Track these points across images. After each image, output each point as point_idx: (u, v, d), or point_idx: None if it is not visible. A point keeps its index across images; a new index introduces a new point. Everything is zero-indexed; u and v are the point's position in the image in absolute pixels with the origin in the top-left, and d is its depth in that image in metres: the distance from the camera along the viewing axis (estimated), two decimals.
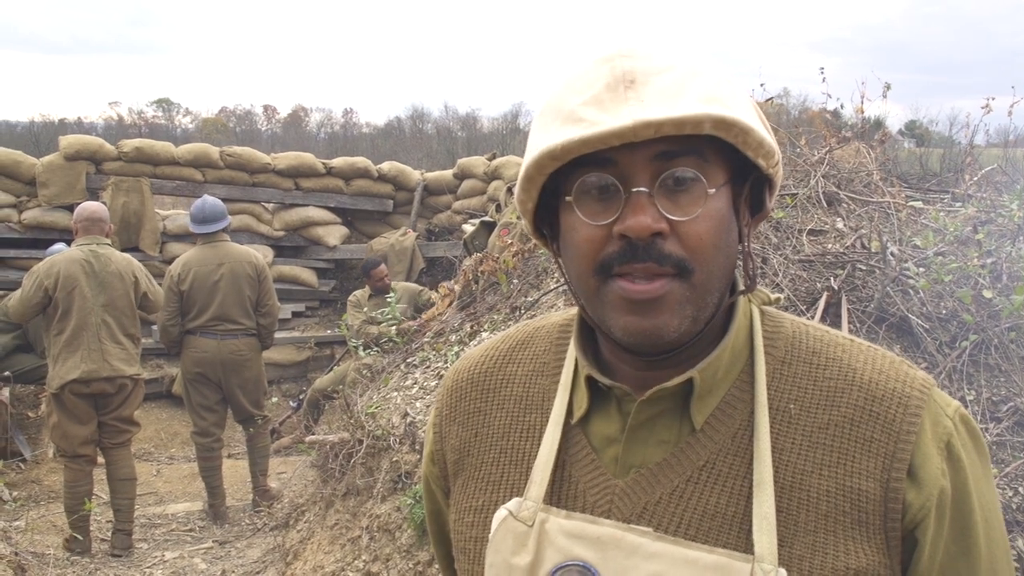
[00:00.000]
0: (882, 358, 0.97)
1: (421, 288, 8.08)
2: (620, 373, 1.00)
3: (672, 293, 0.89)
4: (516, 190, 0.98)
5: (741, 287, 1.01)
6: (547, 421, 1.02)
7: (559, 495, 0.98)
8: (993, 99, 4.91)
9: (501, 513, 0.98)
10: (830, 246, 4.00)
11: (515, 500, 0.98)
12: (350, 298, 7.96)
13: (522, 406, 1.06)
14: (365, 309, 7.62)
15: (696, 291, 0.90)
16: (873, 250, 3.78)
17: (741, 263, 1.00)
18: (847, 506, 0.90)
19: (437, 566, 1.27)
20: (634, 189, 0.88)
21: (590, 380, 1.00)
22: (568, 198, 0.92)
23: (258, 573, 5.13)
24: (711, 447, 0.95)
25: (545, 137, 0.90)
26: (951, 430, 0.93)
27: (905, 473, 0.90)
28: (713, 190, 0.89)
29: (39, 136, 28.82)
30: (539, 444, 1.01)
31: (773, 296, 1.04)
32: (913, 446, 0.91)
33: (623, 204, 0.88)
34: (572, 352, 1.04)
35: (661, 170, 0.88)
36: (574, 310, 1.07)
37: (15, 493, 6.86)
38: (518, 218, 6.10)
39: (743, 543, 0.90)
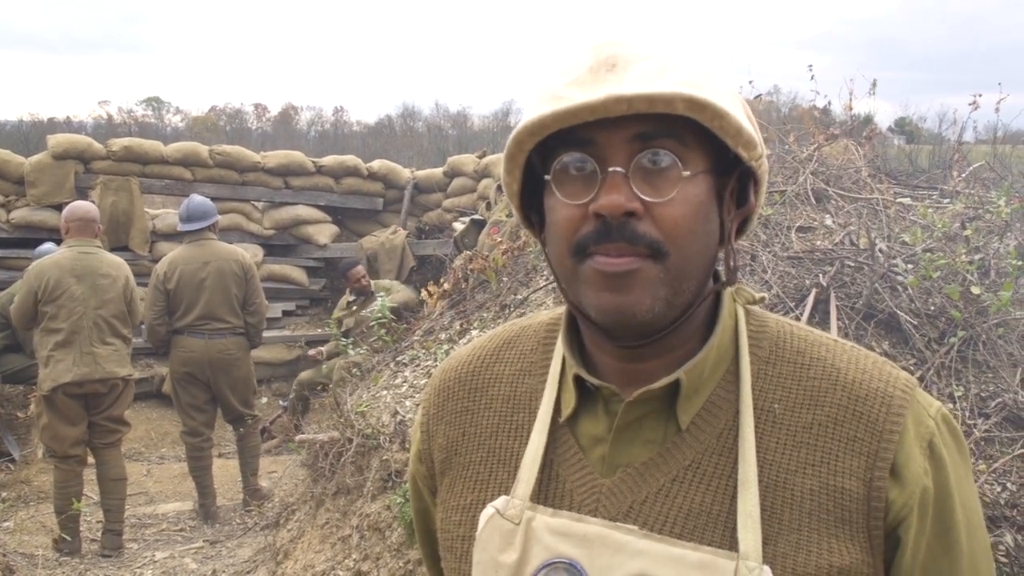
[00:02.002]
0: (865, 358, 0.98)
1: (391, 284, 8.03)
2: (604, 367, 1.00)
3: (644, 271, 0.89)
4: (501, 171, 0.99)
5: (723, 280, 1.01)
6: (535, 420, 1.02)
7: (546, 494, 0.99)
8: (980, 96, 4.93)
9: (488, 511, 0.98)
10: (819, 243, 4.01)
11: (502, 498, 0.99)
12: (339, 303, 8.01)
13: (510, 405, 1.07)
14: (340, 314, 7.69)
15: (670, 274, 0.90)
16: (862, 247, 3.79)
17: (723, 256, 1.00)
18: (831, 504, 0.91)
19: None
20: (610, 169, 0.89)
21: (578, 379, 1.00)
22: (547, 177, 0.93)
23: (249, 572, 5.11)
24: (697, 447, 0.95)
25: (527, 116, 0.91)
26: (933, 430, 0.94)
27: (888, 472, 0.91)
28: (688, 173, 0.90)
29: (28, 135, 28.72)
30: (527, 443, 1.02)
31: (758, 295, 1.05)
32: (896, 445, 0.92)
33: (599, 184, 0.89)
34: (559, 351, 1.05)
35: (638, 151, 0.89)
36: (561, 309, 1.08)
37: (4, 493, 6.83)
38: (508, 216, 6.11)
39: (728, 541, 0.90)
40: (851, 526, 0.91)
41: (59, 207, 6.79)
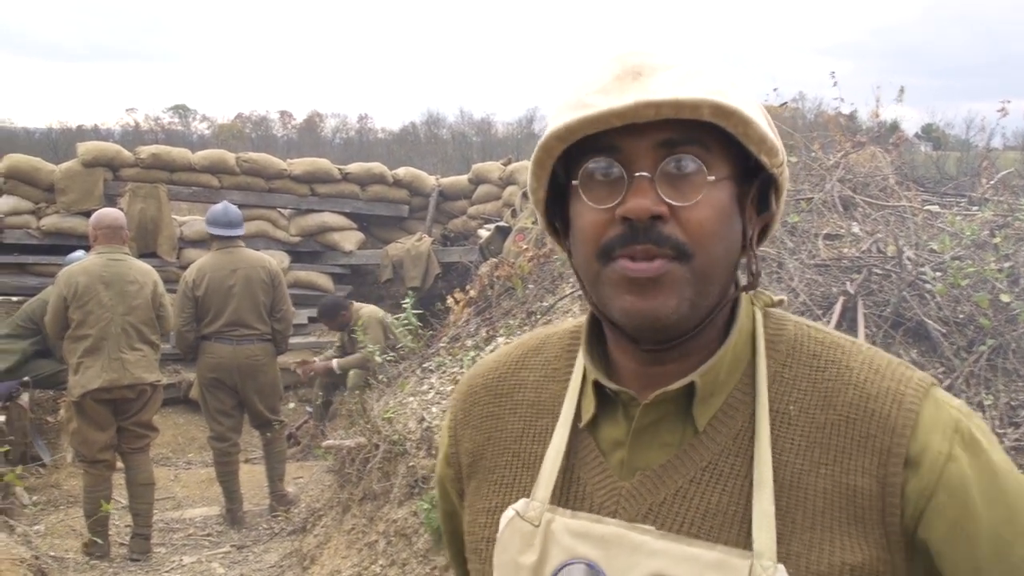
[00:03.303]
0: (880, 359, 0.99)
1: (368, 318, 7.62)
2: (625, 371, 1.02)
3: (671, 273, 0.91)
4: (527, 177, 1.01)
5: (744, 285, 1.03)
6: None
7: (567, 496, 1.00)
8: (1009, 102, 4.91)
9: (508, 513, 1.00)
10: (846, 250, 3.99)
11: (522, 501, 1.00)
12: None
13: (534, 411, 1.08)
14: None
15: (696, 275, 0.92)
16: (889, 254, 3.78)
17: (746, 262, 1.02)
18: (844, 503, 0.92)
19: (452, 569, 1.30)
20: (636, 173, 0.91)
21: (597, 385, 1.02)
22: (575, 182, 0.95)
23: None
24: (713, 448, 0.96)
25: (554, 123, 0.94)
26: (958, 416, 0.94)
27: (902, 467, 0.91)
28: (713, 178, 0.92)
29: (57, 143, 29.11)
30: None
31: (776, 298, 1.06)
32: (908, 440, 0.92)
33: (626, 189, 0.91)
34: (582, 357, 1.06)
35: (663, 156, 0.91)
36: (585, 316, 1.10)
37: (35, 497, 6.91)
38: (534, 223, 6.12)
39: (743, 540, 0.91)
40: (865, 524, 0.91)
41: (88, 214, 6.87)
